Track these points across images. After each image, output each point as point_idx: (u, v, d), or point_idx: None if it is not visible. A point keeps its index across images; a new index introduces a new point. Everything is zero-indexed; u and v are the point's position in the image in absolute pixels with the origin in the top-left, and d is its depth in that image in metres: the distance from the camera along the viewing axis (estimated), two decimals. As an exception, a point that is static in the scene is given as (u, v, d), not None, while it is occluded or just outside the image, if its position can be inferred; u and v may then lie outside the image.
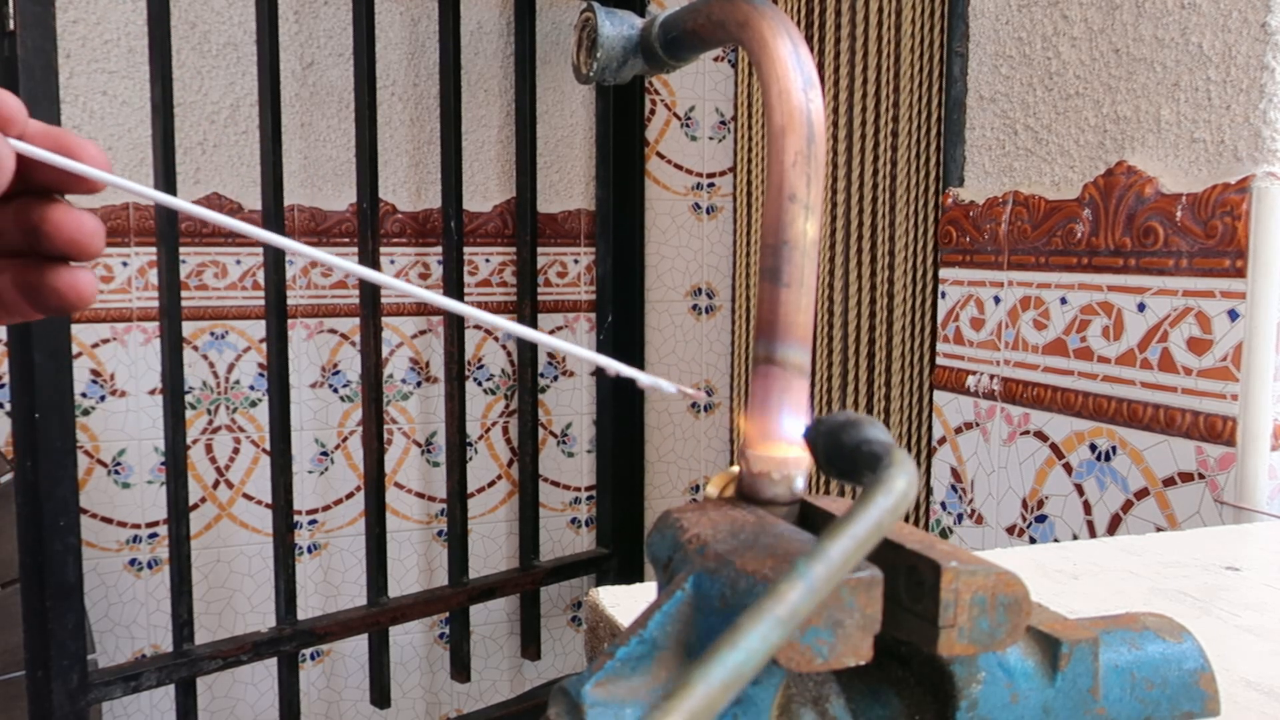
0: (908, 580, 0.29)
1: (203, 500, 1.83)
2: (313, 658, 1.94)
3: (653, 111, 2.06)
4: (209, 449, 1.83)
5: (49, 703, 1.40)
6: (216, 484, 1.84)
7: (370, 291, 1.72)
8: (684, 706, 0.21)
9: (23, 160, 0.38)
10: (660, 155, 2.07)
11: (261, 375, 1.84)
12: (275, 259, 1.64)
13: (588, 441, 2.09)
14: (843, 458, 0.29)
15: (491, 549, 2.03)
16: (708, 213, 2.12)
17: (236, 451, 1.85)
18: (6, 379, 1.68)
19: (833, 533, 0.24)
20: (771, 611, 0.22)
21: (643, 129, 2.04)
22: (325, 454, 1.90)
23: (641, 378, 0.36)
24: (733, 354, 2.13)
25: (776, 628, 0.22)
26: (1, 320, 0.43)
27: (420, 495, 1.98)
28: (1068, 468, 1.21)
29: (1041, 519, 1.26)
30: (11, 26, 1.30)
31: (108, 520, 1.78)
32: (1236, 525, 0.96)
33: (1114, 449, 1.15)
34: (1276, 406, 1.01)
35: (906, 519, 1.68)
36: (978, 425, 1.35)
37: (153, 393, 1.77)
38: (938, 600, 0.28)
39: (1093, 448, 1.18)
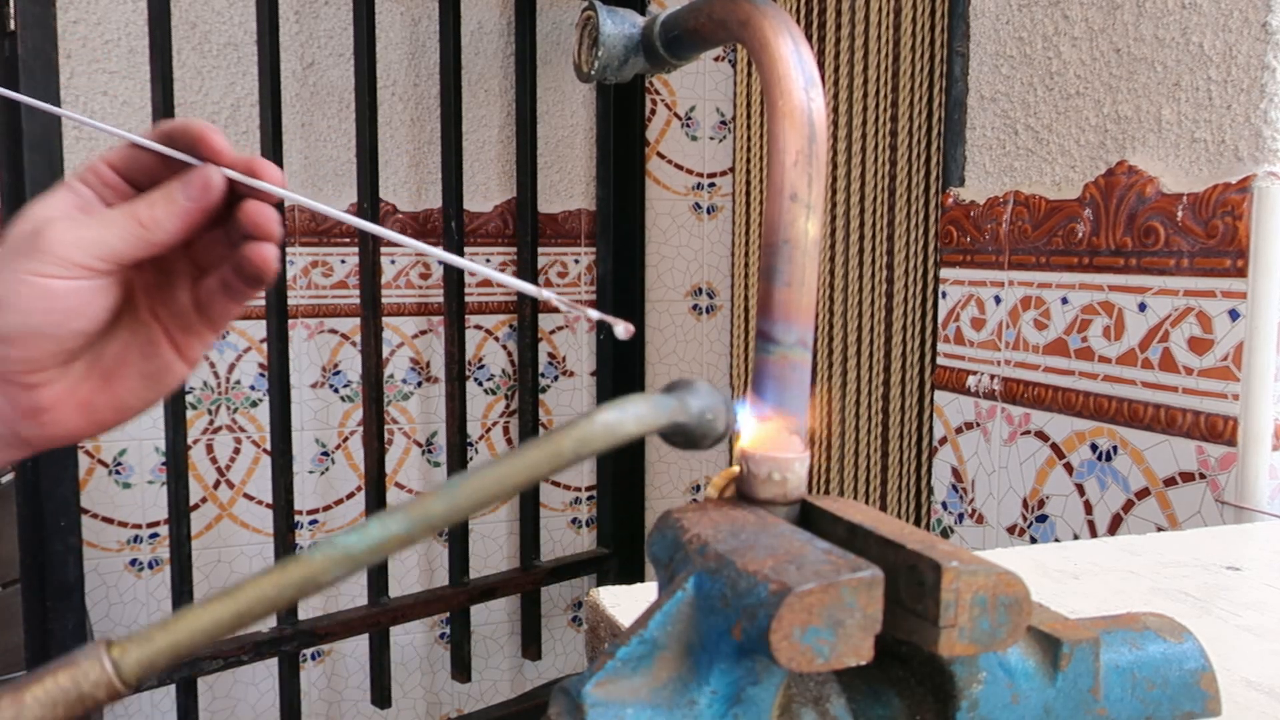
0: (908, 580, 0.29)
1: (203, 500, 1.83)
2: (313, 658, 1.94)
3: (653, 111, 2.06)
4: (210, 449, 1.83)
5: (49, 703, 1.40)
6: (217, 484, 1.84)
7: (371, 292, 1.72)
8: (296, 572, 0.21)
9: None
10: (661, 155, 2.07)
11: (262, 375, 1.84)
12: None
13: (588, 441, 2.09)
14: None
15: (492, 549, 2.04)
16: (708, 213, 2.12)
17: (237, 451, 1.85)
18: None
19: (507, 454, 0.25)
20: (405, 510, 0.23)
21: (643, 129, 2.04)
22: (326, 454, 1.90)
23: (580, 310, 0.39)
24: (732, 354, 2.13)
25: (401, 522, 0.23)
26: (192, 344, 0.50)
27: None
28: (1068, 468, 1.21)
29: (1042, 519, 1.26)
30: (12, 26, 1.30)
31: (108, 520, 1.78)
32: (1237, 525, 0.96)
33: (1115, 449, 1.15)
34: (1277, 406, 1.01)
35: (912, 521, 1.68)
36: (978, 425, 1.35)
37: (153, 393, 1.77)
38: (938, 600, 0.28)
39: (1093, 447, 1.18)
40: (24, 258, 0.44)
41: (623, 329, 0.37)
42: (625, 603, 0.59)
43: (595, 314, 0.42)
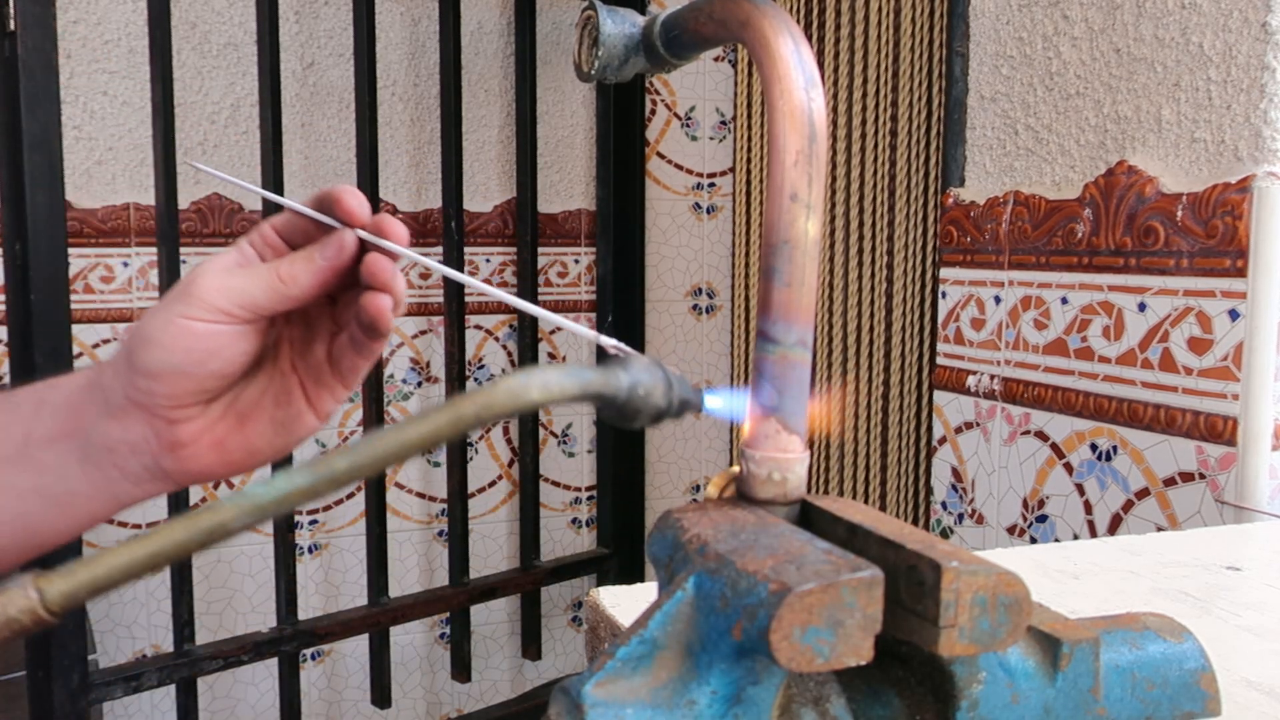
0: (908, 580, 0.29)
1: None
2: (313, 658, 1.94)
3: (653, 111, 2.06)
4: (209, 449, 1.83)
5: (49, 703, 1.40)
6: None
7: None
8: (206, 519, 0.23)
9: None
10: (661, 155, 2.07)
11: (262, 375, 1.84)
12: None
13: (588, 441, 2.09)
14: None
15: (492, 549, 2.03)
16: (708, 213, 2.12)
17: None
18: (7, 379, 1.68)
19: (410, 418, 0.26)
20: (310, 465, 0.24)
21: (643, 129, 2.04)
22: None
23: (608, 342, 0.39)
24: (732, 354, 2.13)
25: (306, 475, 0.24)
26: (321, 396, 0.54)
27: (421, 495, 1.98)
28: (1068, 468, 1.21)
29: (1042, 519, 1.26)
30: (11, 26, 1.30)
31: (108, 520, 1.78)
32: (1237, 525, 0.96)
33: (1114, 449, 1.15)
34: (1277, 406, 1.01)
35: (912, 521, 1.68)
36: (978, 425, 1.35)
37: (153, 393, 1.77)
38: (938, 600, 0.28)
39: (1093, 447, 1.18)
40: (177, 301, 0.49)
41: (611, 344, 0.37)
42: (625, 603, 0.59)
43: (588, 333, 0.43)
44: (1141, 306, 1.12)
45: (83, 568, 0.24)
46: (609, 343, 0.38)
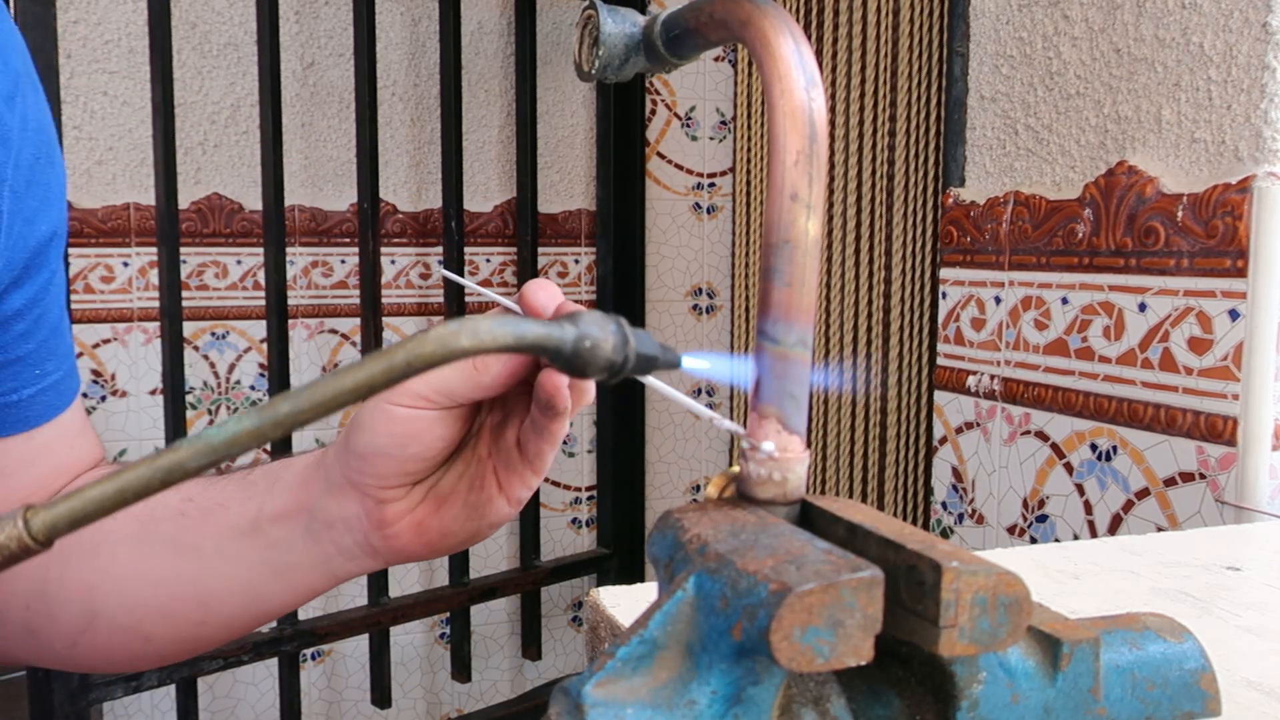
0: (908, 580, 0.29)
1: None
2: (313, 658, 1.94)
3: (653, 111, 2.06)
4: (209, 449, 1.82)
5: (49, 703, 1.40)
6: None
7: (371, 292, 1.72)
8: (166, 458, 0.26)
9: None
10: (661, 155, 2.07)
11: (262, 375, 1.84)
12: (275, 260, 1.63)
13: (588, 441, 2.09)
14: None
15: (492, 549, 2.03)
16: (708, 213, 2.12)
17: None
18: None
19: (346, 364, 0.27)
20: (256, 410, 0.26)
21: (643, 129, 2.04)
22: (326, 454, 1.90)
23: (727, 424, 0.39)
24: (733, 354, 2.13)
25: (254, 419, 0.26)
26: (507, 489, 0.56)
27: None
28: (1068, 468, 1.21)
29: (1042, 519, 1.26)
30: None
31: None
32: (1237, 525, 0.96)
33: (1115, 449, 1.15)
34: (1277, 406, 1.01)
35: (912, 521, 1.68)
36: (978, 425, 1.35)
37: (154, 393, 1.77)
38: (939, 600, 0.28)
39: (1093, 448, 1.18)
40: (389, 390, 0.49)
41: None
42: (625, 603, 0.59)
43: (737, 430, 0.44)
44: (1142, 306, 1.12)
45: (63, 501, 0.27)
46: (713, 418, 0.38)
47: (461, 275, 1.84)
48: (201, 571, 0.57)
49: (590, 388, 0.53)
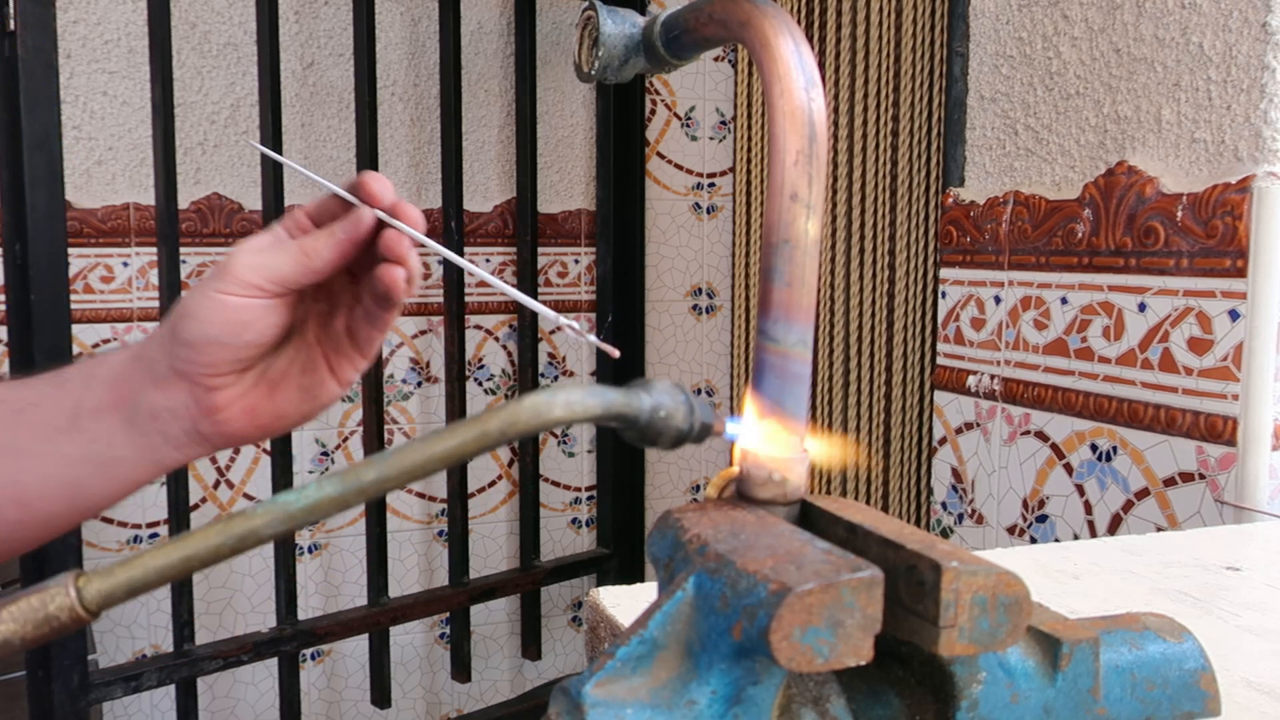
0: (908, 580, 0.29)
1: (203, 500, 1.83)
2: (313, 658, 1.94)
3: (653, 111, 2.06)
4: (209, 449, 1.82)
5: (49, 703, 1.40)
6: (217, 484, 1.84)
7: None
8: (239, 525, 0.23)
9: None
10: (660, 155, 2.07)
11: (262, 375, 1.84)
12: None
13: (588, 441, 2.09)
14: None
15: (492, 549, 2.03)
16: (708, 213, 2.12)
17: (237, 451, 1.85)
18: (7, 379, 1.68)
19: (435, 431, 0.26)
20: (339, 475, 0.25)
21: (643, 129, 2.04)
22: (326, 454, 1.90)
23: (548, 314, 0.44)
24: (732, 354, 2.13)
25: (335, 485, 0.24)
26: (340, 363, 0.58)
27: (421, 495, 1.98)
28: (1068, 468, 1.21)
29: (1042, 519, 1.26)
30: (11, 26, 1.30)
31: (108, 520, 1.78)
32: (1237, 525, 0.96)
33: (1114, 449, 1.15)
34: (1277, 406, 1.01)
35: (912, 521, 1.68)
36: (978, 425, 1.35)
37: (153, 393, 1.77)
38: (938, 600, 0.28)
39: (1093, 448, 1.18)
40: (215, 279, 0.54)
41: (594, 346, 0.38)
42: (625, 603, 0.59)
43: (584, 334, 0.47)
44: (1141, 307, 1.12)
45: (121, 569, 0.25)
46: (562, 320, 0.39)
47: (461, 276, 1.84)
48: (18, 471, 0.57)
49: (417, 275, 0.55)
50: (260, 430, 0.57)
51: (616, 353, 0.42)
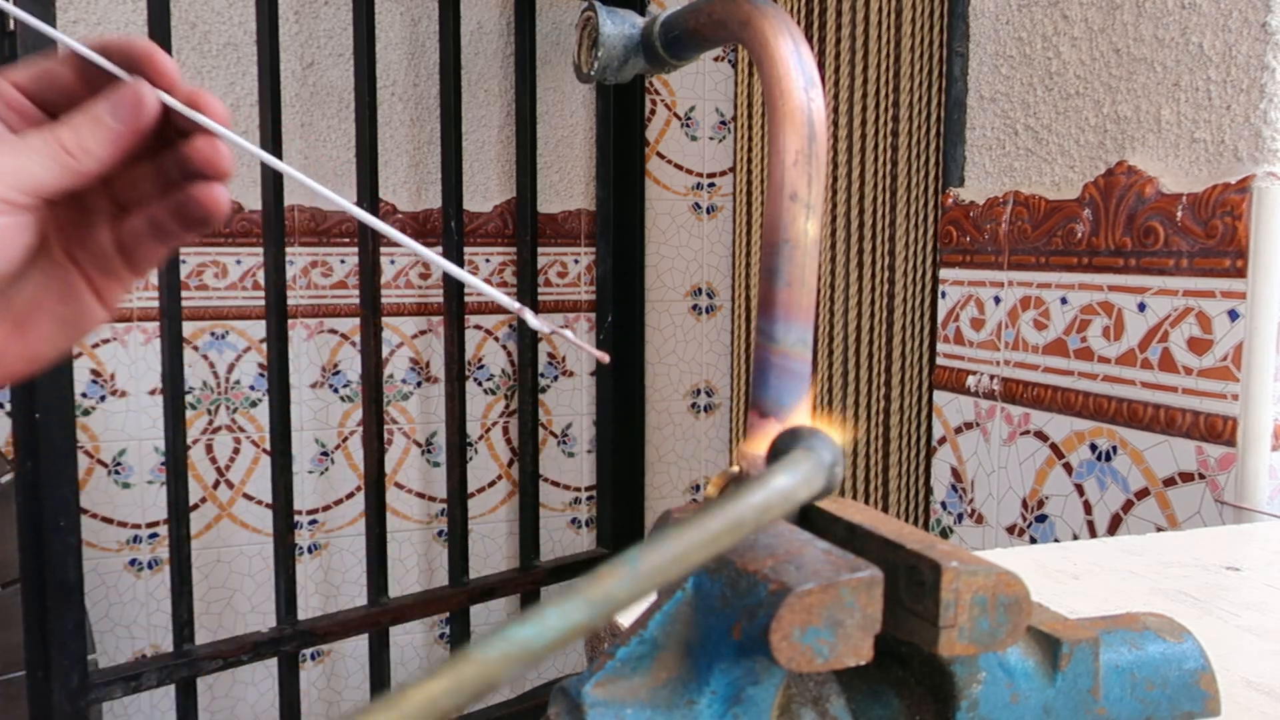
0: (908, 580, 0.29)
1: (203, 500, 1.83)
2: (313, 658, 1.94)
3: (653, 111, 2.06)
4: (209, 449, 1.83)
5: (49, 703, 1.40)
6: (217, 484, 1.84)
7: (370, 292, 1.72)
8: (469, 672, 0.20)
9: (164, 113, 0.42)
10: (660, 155, 2.07)
11: (262, 375, 1.84)
12: (275, 260, 1.63)
13: (588, 441, 2.09)
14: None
15: (492, 549, 2.03)
16: (708, 213, 2.12)
17: (237, 451, 1.85)
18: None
19: (683, 523, 0.24)
20: (584, 595, 0.22)
21: (643, 129, 2.04)
22: (325, 454, 1.90)
23: (534, 322, 0.39)
24: (732, 354, 2.13)
25: (583, 609, 0.22)
26: (149, 254, 0.46)
27: (420, 495, 1.98)
28: (1068, 468, 1.21)
29: (1042, 519, 1.26)
30: (11, 26, 1.30)
31: (108, 520, 1.78)
32: (1237, 525, 0.96)
33: (1114, 449, 1.15)
34: (1277, 406, 1.01)
35: (912, 521, 1.68)
36: (978, 425, 1.35)
37: (153, 393, 1.77)
38: (938, 600, 0.28)
39: (1093, 448, 1.18)
40: None
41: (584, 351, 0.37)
42: (625, 603, 0.58)
43: (571, 336, 0.41)
44: (1141, 307, 1.12)
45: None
46: (542, 328, 0.38)
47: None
48: None
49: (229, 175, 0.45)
50: (7, 378, 0.44)
51: (606, 358, 0.41)
